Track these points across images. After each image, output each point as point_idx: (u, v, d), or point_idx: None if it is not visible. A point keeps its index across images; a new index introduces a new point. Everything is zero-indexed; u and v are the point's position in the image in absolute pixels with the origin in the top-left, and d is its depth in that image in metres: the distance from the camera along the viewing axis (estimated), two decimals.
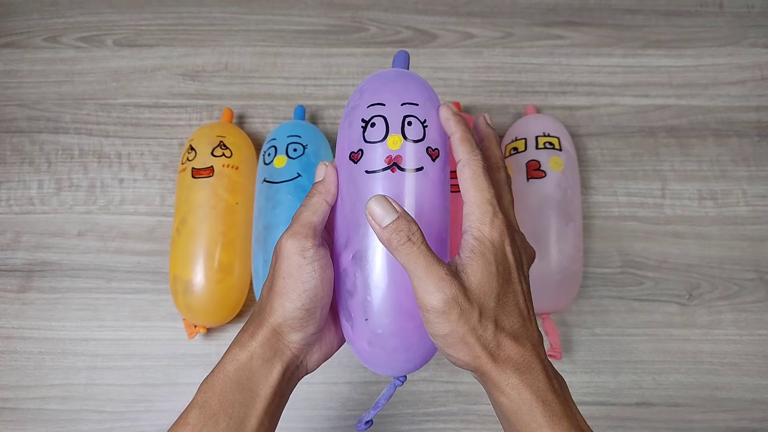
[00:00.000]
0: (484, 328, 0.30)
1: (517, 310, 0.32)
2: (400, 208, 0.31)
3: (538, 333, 0.33)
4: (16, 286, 0.59)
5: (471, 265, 0.31)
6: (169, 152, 0.63)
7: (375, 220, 0.31)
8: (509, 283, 0.32)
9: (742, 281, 0.59)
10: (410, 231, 0.30)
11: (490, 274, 0.31)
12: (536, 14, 0.68)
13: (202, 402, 0.33)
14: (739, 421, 0.55)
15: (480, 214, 0.32)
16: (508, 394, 0.31)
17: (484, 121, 0.39)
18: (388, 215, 0.30)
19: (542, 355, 0.32)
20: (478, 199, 0.32)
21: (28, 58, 0.67)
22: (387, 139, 0.34)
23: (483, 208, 0.32)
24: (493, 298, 0.31)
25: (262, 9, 0.69)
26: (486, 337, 0.30)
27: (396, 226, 0.30)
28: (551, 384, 0.31)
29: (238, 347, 0.34)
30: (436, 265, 0.30)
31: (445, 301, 0.29)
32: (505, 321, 0.31)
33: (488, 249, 0.31)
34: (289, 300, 0.33)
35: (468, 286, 0.30)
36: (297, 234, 0.33)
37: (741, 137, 0.63)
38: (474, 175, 0.32)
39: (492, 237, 0.31)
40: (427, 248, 0.30)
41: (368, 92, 0.35)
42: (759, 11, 0.68)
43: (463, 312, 0.30)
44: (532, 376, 0.31)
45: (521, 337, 0.31)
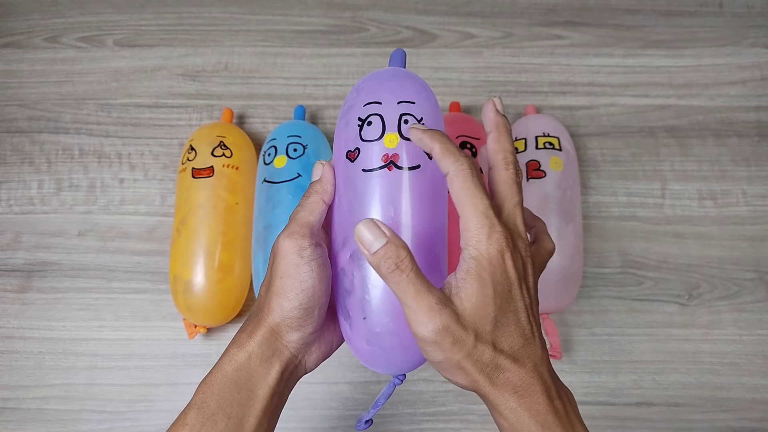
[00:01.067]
0: (480, 352, 0.29)
1: (518, 330, 0.30)
2: (390, 232, 0.30)
3: (541, 348, 0.31)
4: (16, 286, 0.59)
5: (466, 288, 0.29)
6: (169, 152, 0.63)
7: (364, 246, 0.30)
8: (509, 302, 0.30)
9: (742, 281, 0.59)
10: (399, 257, 0.29)
11: (486, 297, 0.29)
12: (536, 14, 0.68)
13: (201, 402, 0.32)
14: (739, 421, 0.55)
15: (476, 230, 0.30)
16: (507, 417, 0.30)
17: (493, 107, 0.35)
18: (377, 240, 0.29)
19: (544, 375, 0.30)
20: (472, 212, 0.30)
21: (28, 58, 0.67)
22: (383, 138, 0.34)
23: (479, 222, 0.30)
24: (489, 322, 0.29)
25: (262, 9, 0.69)
26: (483, 361, 0.29)
27: (384, 252, 0.29)
28: (552, 405, 0.30)
29: (237, 347, 0.33)
30: (426, 293, 0.29)
31: (435, 332, 0.28)
32: (503, 343, 0.30)
33: (485, 269, 0.29)
34: (287, 299, 0.33)
35: (461, 312, 0.29)
36: (294, 233, 0.33)
37: (741, 137, 0.63)
38: (464, 187, 0.30)
39: (490, 254, 0.29)
40: (417, 275, 0.29)
41: (364, 91, 0.35)
42: (759, 11, 0.68)
43: (457, 340, 0.29)
44: (532, 399, 0.30)
45: (521, 357, 0.30)
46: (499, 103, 0.35)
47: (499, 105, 0.35)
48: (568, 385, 0.59)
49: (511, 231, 0.31)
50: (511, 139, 0.34)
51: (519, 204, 0.32)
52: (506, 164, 0.33)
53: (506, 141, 0.34)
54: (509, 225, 0.32)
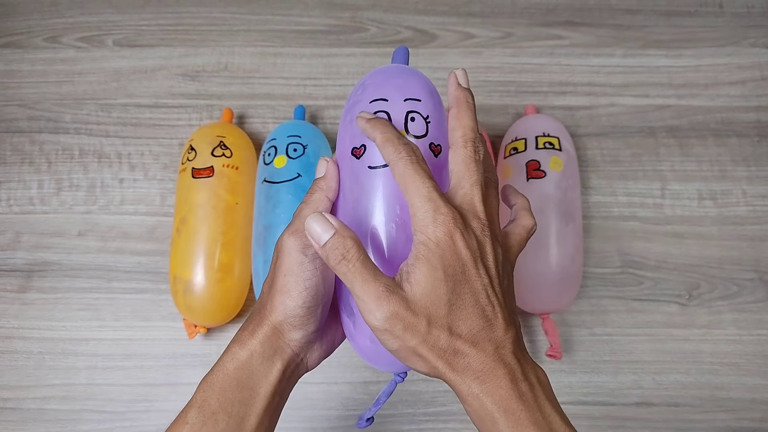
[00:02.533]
0: (435, 338, 0.29)
1: (476, 311, 0.29)
2: (338, 224, 0.30)
3: (506, 329, 0.30)
4: (16, 286, 0.59)
5: (414, 273, 0.29)
6: (169, 152, 0.63)
7: (313, 239, 0.30)
8: (463, 283, 0.29)
9: (742, 281, 0.59)
10: (345, 248, 0.29)
11: (437, 280, 0.29)
12: (536, 14, 0.68)
13: (201, 401, 0.32)
14: (739, 421, 0.55)
15: (421, 215, 0.29)
16: (471, 403, 0.29)
17: (455, 81, 0.34)
18: (325, 233, 0.29)
19: (506, 358, 0.29)
20: (415, 198, 0.30)
21: (28, 58, 0.67)
22: None
23: (423, 207, 0.29)
24: (443, 305, 0.29)
25: (262, 9, 0.69)
26: (440, 347, 0.29)
27: (332, 243, 0.29)
28: (517, 389, 0.29)
29: (238, 345, 0.33)
30: (373, 282, 0.29)
31: (384, 319, 0.28)
32: (461, 326, 0.29)
33: (433, 252, 0.29)
34: (290, 298, 0.33)
35: (411, 298, 0.29)
36: (298, 231, 0.33)
37: (741, 137, 0.63)
38: (404, 174, 0.30)
39: (437, 236, 0.29)
40: (364, 264, 0.29)
41: (371, 87, 0.35)
42: (759, 11, 0.68)
43: (408, 326, 0.28)
44: (494, 384, 0.29)
45: (481, 340, 0.29)
46: (463, 75, 0.34)
47: (462, 78, 0.34)
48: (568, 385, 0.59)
49: (466, 211, 0.31)
50: (473, 114, 0.33)
51: (477, 183, 0.31)
52: (464, 142, 0.32)
53: (466, 116, 0.33)
54: (465, 205, 0.31)
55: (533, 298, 0.54)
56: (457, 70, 0.34)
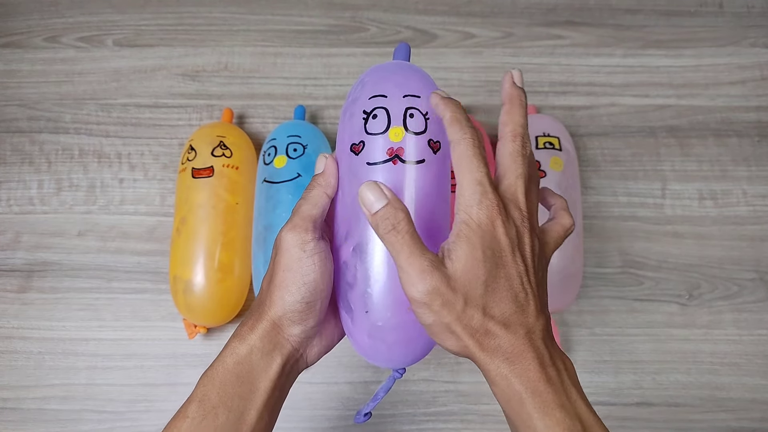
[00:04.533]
0: (469, 317, 0.29)
1: (509, 295, 0.30)
2: (391, 195, 0.30)
3: (537, 316, 0.31)
4: (16, 286, 0.59)
5: (456, 250, 0.30)
6: (169, 152, 0.63)
7: (365, 206, 0.31)
8: (500, 267, 0.30)
9: (742, 281, 0.59)
10: (396, 219, 0.30)
11: (476, 260, 0.29)
12: (536, 14, 0.68)
13: (202, 395, 0.33)
14: (739, 421, 0.55)
15: (468, 196, 0.30)
16: (499, 383, 0.30)
17: (510, 79, 0.35)
18: (378, 201, 0.30)
19: (536, 342, 0.30)
20: (467, 179, 0.31)
21: (28, 58, 0.67)
22: (389, 131, 0.34)
23: (471, 189, 0.30)
24: (480, 285, 0.30)
25: (262, 9, 0.69)
26: (473, 326, 0.30)
27: (384, 213, 0.30)
28: (545, 372, 0.30)
29: (238, 340, 0.34)
30: (419, 255, 0.29)
31: (426, 293, 0.29)
32: (494, 308, 0.30)
33: (474, 233, 0.30)
34: (289, 293, 0.33)
35: (452, 275, 0.29)
36: (297, 227, 0.33)
37: (741, 137, 0.63)
38: (462, 156, 0.31)
39: (479, 219, 0.30)
40: (413, 237, 0.30)
41: (370, 84, 0.35)
42: (759, 11, 0.68)
43: (446, 302, 0.29)
44: (523, 366, 0.30)
45: (513, 324, 0.30)
46: (518, 75, 0.35)
47: (517, 77, 0.35)
48: None
49: (509, 201, 0.32)
50: (524, 112, 0.34)
51: (522, 176, 0.32)
52: (513, 136, 0.33)
53: (518, 114, 0.34)
54: (507, 195, 0.32)
55: None
56: (514, 71, 0.35)
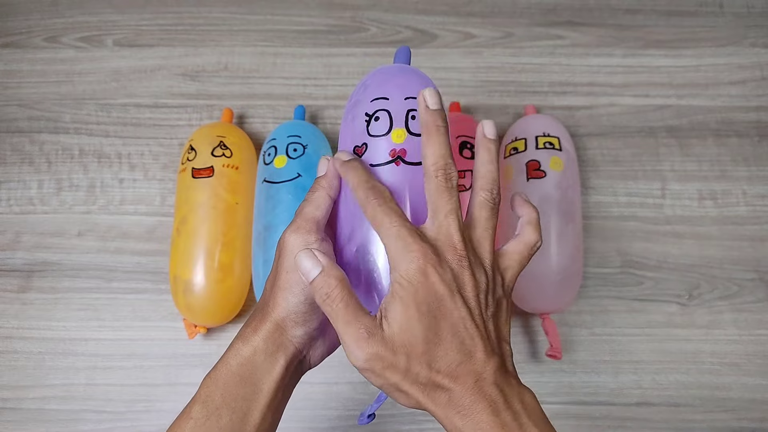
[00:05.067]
0: (415, 374, 0.29)
1: (454, 344, 0.29)
2: (327, 261, 0.30)
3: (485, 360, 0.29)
4: (16, 286, 0.59)
5: (391, 311, 0.29)
6: (169, 152, 0.63)
7: (303, 274, 0.31)
8: (440, 318, 0.29)
9: (742, 281, 0.59)
10: (329, 287, 0.30)
11: (411, 318, 0.29)
12: (536, 14, 0.68)
13: (205, 396, 0.33)
14: (739, 421, 0.55)
15: (393, 254, 0.30)
16: None
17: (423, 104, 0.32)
18: (314, 269, 0.30)
19: (487, 390, 0.29)
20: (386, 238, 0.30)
21: (28, 58, 0.67)
22: (391, 133, 0.34)
23: (393, 246, 0.30)
24: (420, 342, 0.29)
25: (262, 9, 0.69)
26: (420, 382, 0.29)
27: (318, 282, 0.30)
28: (499, 420, 0.28)
29: (241, 342, 0.34)
30: (354, 323, 0.29)
31: (365, 360, 0.29)
32: (439, 361, 0.29)
33: (406, 290, 0.29)
34: (292, 294, 0.33)
35: (389, 337, 0.29)
36: (300, 228, 0.33)
37: (741, 137, 0.63)
38: (373, 216, 0.31)
39: (408, 274, 0.29)
40: (347, 305, 0.29)
41: (372, 87, 0.36)
42: (759, 11, 0.68)
43: (389, 365, 0.29)
44: (475, 418, 0.29)
45: (461, 374, 0.29)
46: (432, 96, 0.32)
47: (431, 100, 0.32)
48: (568, 385, 0.59)
49: (442, 243, 0.30)
50: (444, 139, 0.32)
51: (452, 212, 0.31)
52: (435, 170, 0.31)
53: (437, 143, 0.31)
54: (440, 237, 0.31)
55: (533, 298, 0.54)
56: (425, 90, 0.33)
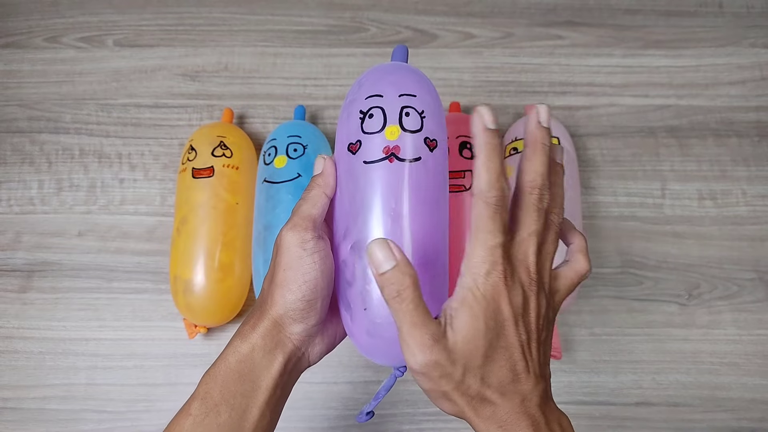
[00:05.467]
0: (467, 385, 0.29)
1: (508, 365, 0.30)
2: (401, 256, 0.29)
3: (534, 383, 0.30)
4: (16, 286, 0.59)
5: (458, 318, 0.29)
6: (169, 152, 0.63)
7: (373, 264, 0.29)
8: (501, 338, 0.30)
9: (741, 281, 0.59)
10: (402, 285, 0.29)
11: (477, 331, 0.29)
12: (536, 14, 0.68)
13: (204, 393, 0.33)
14: (738, 421, 0.55)
15: (478, 262, 0.29)
16: None
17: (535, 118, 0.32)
18: (387, 262, 0.29)
19: (531, 410, 0.30)
20: (480, 243, 0.30)
21: (28, 58, 0.67)
22: (385, 130, 0.34)
23: (481, 256, 0.29)
24: (479, 356, 0.29)
25: (262, 9, 0.69)
26: (470, 394, 0.30)
27: (391, 276, 0.29)
28: None
29: (240, 339, 0.34)
30: (421, 326, 0.29)
31: (425, 365, 0.29)
32: (491, 377, 0.30)
33: (479, 303, 0.29)
34: (290, 291, 0.33)
35: (452, 347, 0.29)
36: (297, 226, 0.33)
37: (741, 137, 0.63)
38: (480, 217, 0.30)
39: (485, 290, 0.29)
40: (417, 307, 0.29)
41: (366, 85, 0.36)
42: (759, 11, 0.68)
43: (445, 373, 0.29)
44: None
45: (509, 392, 0.30)
46: (545, 113, 0.32)
47: (543, 116, 0.32)
48: (567, 385, 0.59)
49: (518, 262, 0.31)
50: (546, 159, 0.31)
51: (535, 233, 0.31)
52: (531, 188, 0.31)
53: (538, 162, 0.31)
54: (518, 255, 0.31)
55: None
56: (540, 106, 0.32)
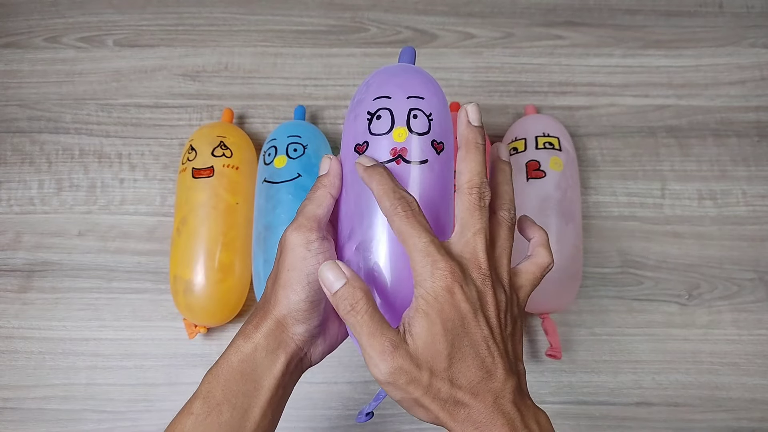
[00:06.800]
0: (437, 389, 0.29)
1: (476, 363, 0.30)
2: (350, 273, 0.30)
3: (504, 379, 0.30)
4: (16, 286, 0.59)
5: (415, 326, 0.29)
6: (169, 152, 0.63)
7: (326, 286, 0.30)
8: (463, 336, 0.29)
9: (741, 281, 0.59)
10: (354, 299, 0.29)
11: (436, 334, 0.29)
12: (536, 14, 0.68)
13: (206, 392, 0.33)
14: (738, 421, 0.55)
15: (420, 269, 0.30)
16: None
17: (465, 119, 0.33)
18: (337, 281, 0.30)
19: (505, 408, 0.30)
20: (413, 252, 0.30)
21: (28, 58, 0.67)
22: (392, 132, 0.34)
23: (420, 261, 0.30)
24: (443, 359, 0.29)
25: (263, 9, 0.69)
26: (441, 398, 0.29)
27: (342, 293, 0.30)
28: None
29: (243, 338, 0.34)
30: (379, 335, 0.29)
31: (389, 373, 0.29)
32: (460, 377, 0.29)
33: (431, 306, 0.29)
34: (293, 292, 0.33)
35: (413, 352, 0.29)
36: (302, 227, 0.33)
37: (741, 137, 0.63)
38: (401, 228, 0.30)
39: (435, 291, 0.29)
40: (372, 317, 0.29)
41: (374, 85, 0.36)
42: (759, 11, 0.68)
43: (412, 379, 0.29)
44: None
45: (481, 391, 0.29)
46: (474, 112, 0.33)
47: (473, 115, 0.33)
48: (567, 385, 0.59)
49: (467, 261, 0.31)
50: (481, 157, 0.32)
51: (480, 231, 0.31)
52: (470, 188, 0.32)
53: (474, 160, 0.32)
54: (466, 255, 0.31)
55: (533, 298, 0.54)
56: (469, 105, 0.33)
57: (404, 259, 0.33)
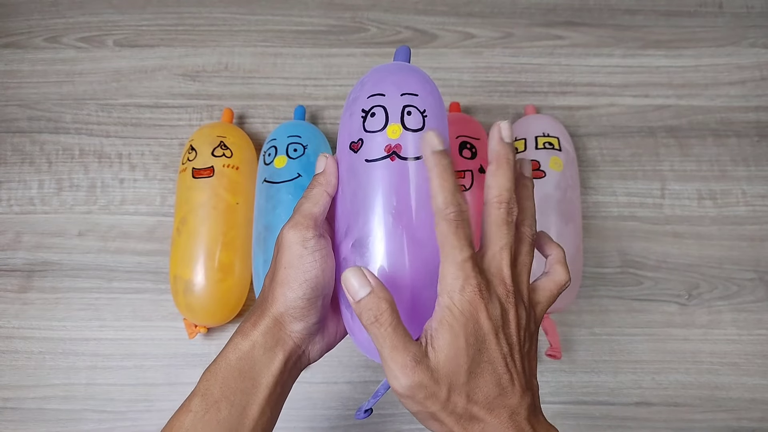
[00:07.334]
0: (454, 404, 0.29)
1: (493, 379, 0.30)
2: (375, 282, 0.30)
3: (520, 396, 0.30)
4: (16, 286, 0.59)
5: (438, 338, 0.29)
6: (169, 152, 0.63)
7: (349, 292, 0.30)
8: (484, 352, 0.30)
9: (741, 281, 0.59)
10: (379, 310, 0.29)
11: (459, 348, 0.29)
12: (536, 14, 0.68)
13: (204, 390, 0.33)
14: (738, 421, 0.55)
15: (450, 280, 0.30)
16: None
17: (498, 135, 0.33)
18: (362, 289, 0.30)
19: (520, 424, 0.30)
20: (448, 262, 0.30)
21: (28, 58, 0.67)
22: (386, 129, 0.34)
23: (453, 273, 0.30)
24: (463, 373, 0.29)
25: (263, 9, 0.69)
26: (457, 412, 0.29)
27: (367, 302, 0.29)
28: None
29: (241, 336, 0.34)
30: (402, 349, 0.29)
31: (409, 387, 0.29)
32: (478, 393, 0.30)
33: (457, 320, 0.29)
34: (290, 290, 0.33)
35: (435, 366, 0.29)
36: (298, 225, 0.33)
37: (740, 137, 0.63)
38: (444, 235, 0.30)
39: (462, 306, 0.29)
40: (396, 330, 0.29)
41: (369, 84, 0.36)
42: (758, 11, 0.68)
43: (430, 394, 0.29)
44: None
45: (496, 407, 0.30)
46: (507, 129, 0.33)
47: (506, 132, 0.33)
48: (567, 385, 0.59)
49: (492, 276, 0.31)
50: (511, 174, 0.32)
51: (506, 246, 0.31)
52: (499, 202, 0.32)
53: (504, 177, 0.32)
54: (491, 270, 0.31)
55: None
56: (503, 123, 0.33)
57: (400, 256, 0.33)
